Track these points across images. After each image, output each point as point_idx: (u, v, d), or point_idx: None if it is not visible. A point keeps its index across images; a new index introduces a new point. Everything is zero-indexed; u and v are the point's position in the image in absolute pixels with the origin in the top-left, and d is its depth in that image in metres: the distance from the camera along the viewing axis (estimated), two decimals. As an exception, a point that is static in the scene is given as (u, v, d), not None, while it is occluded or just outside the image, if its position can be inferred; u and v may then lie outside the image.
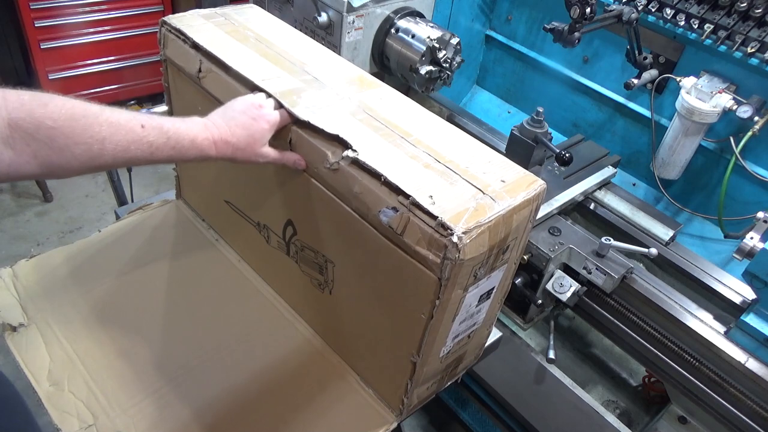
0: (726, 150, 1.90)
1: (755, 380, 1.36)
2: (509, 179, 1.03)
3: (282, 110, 1.10)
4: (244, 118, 1.04)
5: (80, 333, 1.28)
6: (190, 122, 1.00)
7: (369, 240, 1.03)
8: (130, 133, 0.90)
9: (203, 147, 1.00)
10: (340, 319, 1.26)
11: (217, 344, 1.31)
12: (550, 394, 1.48)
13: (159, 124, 0.95)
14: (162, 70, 1.42)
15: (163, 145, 0.94)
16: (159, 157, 0.95)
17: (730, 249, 1.88)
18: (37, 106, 0.82)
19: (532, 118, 1.70)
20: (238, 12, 1.42)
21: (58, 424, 1.11)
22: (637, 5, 1.89)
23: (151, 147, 0.93)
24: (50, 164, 0.84)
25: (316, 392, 1.24)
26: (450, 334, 1.10)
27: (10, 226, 2.85)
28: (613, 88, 2.17)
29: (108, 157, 0.89)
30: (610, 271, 1.48)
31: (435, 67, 1.98)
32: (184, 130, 0.98)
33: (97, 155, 0.87)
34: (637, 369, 1.97)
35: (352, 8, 1.89)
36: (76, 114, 0.85)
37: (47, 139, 0.82)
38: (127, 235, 1.53)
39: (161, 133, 0.94)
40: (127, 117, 0.92)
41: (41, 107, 0.82)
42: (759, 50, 1.73)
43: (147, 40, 3.34)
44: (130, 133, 0.90)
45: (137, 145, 0.91)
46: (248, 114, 1.05)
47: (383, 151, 1.04)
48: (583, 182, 1.82)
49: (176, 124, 0.97)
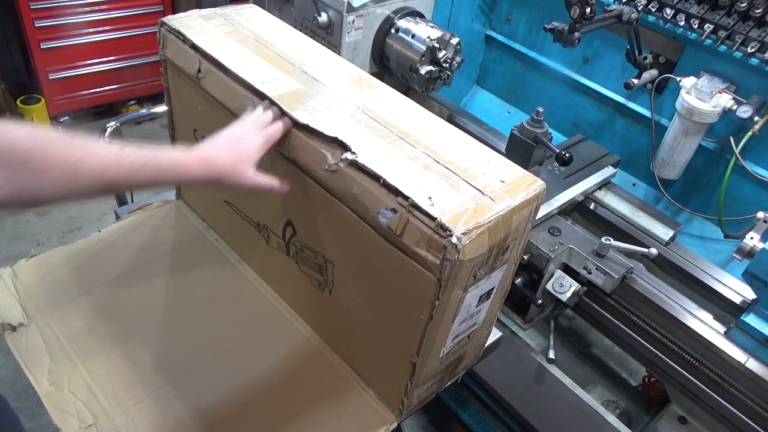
0: (726, 150, 1.90)
1: (755, 380, 1.36)
2: (509, 179, 1.03)
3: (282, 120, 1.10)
4: (229, 142, 1.04)
5: (80, 333, 1.28)
6: (174, 148, 1.00)
7: (368, 241, 1.03)
8: (109, 155, 0.90)
9: (187, 166, 0.98)
10: (340, 319, 1.26)
11: (217, 344, 1.31)
12: (550, 394, 1.48)
13: (139, 147, 0.94)
14: (162, 70, 1.42)
15: (144, 166, 0.93)
16: (140, 180, 0.93)
17: (730, 249, 1.88)
18: (11, 129, 0.81)
19: (532, 118, 1.70)
20: (238, 12, 1.43)
21: (58, 424, 1.11)
22: (637, 5, 1.89)
23: (130, 168, 0.91)
24: (25, 189, 0.83)
25: (315, 392, 1.24)
26: (450, 335, 1.10)
27: (10, 226, 2.86)
28: (613, 88, 2.17)
29: (84, 179, 0.87)
30: (610, 271, 1.48)
31: (435, 67, 1.98)
32: (166, 152, 0.97)
33: (72, 178, 0.86)
34: (637, 369, 1.97)
35: (352, 8, 1.89)
36: (49, 138, 0.85)
37: (22, 163, 0.81)
38: (127, 235, 1.53)
39: (141, 155, 0.93)
40: (105, 143, 0.93)
41: (16, 129, 0.82)
42: (759, 50, 1.73)
43: (147, 40, 3.34)
44: (109, 155, 0.90)
45: (115, 166, 0.90)
46: (233, 139, 1.05)
47: (382, 153, 1.04)
48: (583, 182, 1.82)
49: (158, 148, 0.96)
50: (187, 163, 0.99)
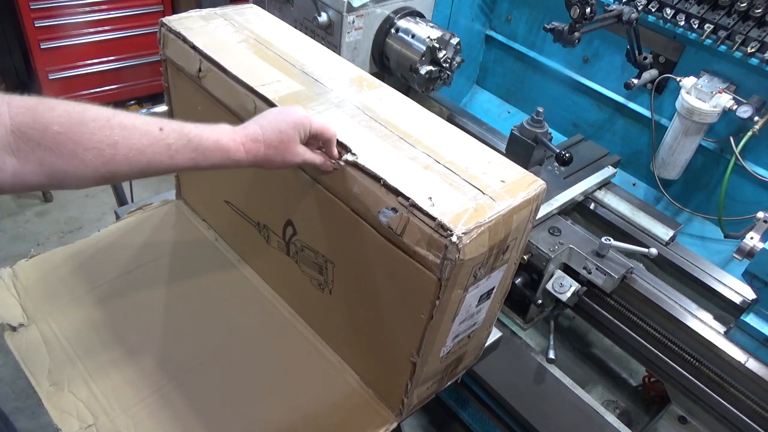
0: (726, 150, 1.90)
1: (755, 380, 1.36)
2: (509, 179, 1.03)
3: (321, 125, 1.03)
4: (275, 118, 0.98)
5: (80, 333, 1.28)
6: (216, 126, 0.93)
7: (369, 240, 1.03)
8: (146, 135, 0.84)
9: (229, 148, 0.92)
10: (340, 319, 1.26)
11: (217, 344, 1.31)
12: (550, 394, 1.48)
13: (179, 127, 0.88)
14: (162, 70, 1.42)
15: (184, 147, 0.87)
16: (180, 162, 0.88)
17: (730, 249, 1.88)
18: (44, 110, 0.77)
19: (532, 118, 1.70)
20: (238, 12, 1.42)
21: (58, 424, 1.11)
22: (637, 5, 1.89)
23: (170, 149, 0.86)
24: (58, 173, 0.79)
25: (316, 392, 1.24)
26: (450, 334, 1.10)
27: (10, 226, 2.85)
28: (613, 88, 2.17)
29: (121, 162, 0.82)
30: (610, 271, 1.48)
31: (435, 67, 1.98)
32: (208, 131, 0.91)
33: (109, 160, 0.81)
34: (637, 369, 1.97)
35: (352, 8, 1.89)
36: (85, 118, 0.80)
37: (54, 145, 0.77)
38: (127, 235, 1.53)
39: (181, 135, 0.87)
40: (144, 120, 0.86)
41: (48, 111, 0.77)
42: (759, 50, 1.73)
43: (147, 40, 3.34)
44: (146, 136, 0.84)
45: (154, 148, 0.85)
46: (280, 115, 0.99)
47: (383, 153, 1.04)
48: (583, 182, 1.82)
49: (199, 127, 0.91)
50: (230, 146, 0.92)
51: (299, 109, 1.01)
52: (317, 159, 1.02)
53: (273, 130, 0.96)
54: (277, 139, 0.96)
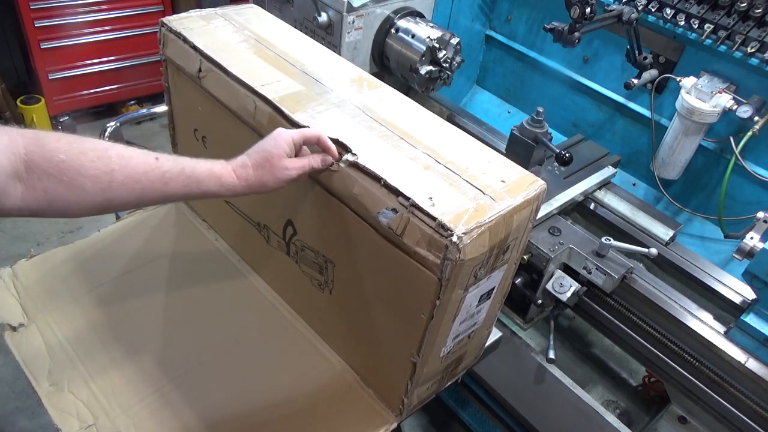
0: (726, 150, 1.90)
1: (755, 380, 1.36)
2: (509, 179, 1.03)
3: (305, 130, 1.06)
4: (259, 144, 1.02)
5: (80, 333, 1.28)
6: (210, 159, 0.99)
7: (369, 241, 1.03)
8: (142, 164, 0.91)
9: (221, 175, 0.97)
10: (340, 319, 1.26)
11: (217, 344, 1.31)
12: (550, 394, 1.48)
13: (174, 158, 0.95)
14: (162, 70, 1.42)
15: (178, 175, 0.93)
16: (174, 188, 0.94)
17: (730, 249, 1.88)
18: (50, 140, 0.84)
19: (532, 118, 1.70)
20: (238, 12, 1.43)
21: (58, 424, 1.11)
22: (637, 5, 1.89)
23: (164, 177, 0.92)
24: (59, 200, 0.85)
25: (316, 392, 1.24)
26: (450, 335, 1.10)
27: (10, 226, 2.85)
28: (613, 88, 2.17)
29: (118, 189, 0.88)
30: (610, 271, 1.48)
31: (435, 67, 1.98)
32: (202, 162, 0.97)
33: (106, 187, 0.87)
34: (637, 369, 1.97)
35: (352, 8, 1.89)
36: (85, 148, 0.87)
37: (58, 173, 0.83)
38: (127, 235, 1.53)
39: (176, 164, 0.94)
40: (141, 152, 0.92)
41: (54, 141, 0.84)
42: (759, 50, 1.73)
43: (147, 40, 3.34)
44: (142, 165, 0.91)
45: (150, 175, 0.91)
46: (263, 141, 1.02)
47: (383, 153, 1.04)
48: (583, 182, 1.82)
49: (194, 160, 0.97)
50: (222, 173, 0.98)
51: (280, 129, 1.04)
52: (313, 162, 1.04)
53: (257, 152, 1.01)
54: (262, 158, 1.00)
